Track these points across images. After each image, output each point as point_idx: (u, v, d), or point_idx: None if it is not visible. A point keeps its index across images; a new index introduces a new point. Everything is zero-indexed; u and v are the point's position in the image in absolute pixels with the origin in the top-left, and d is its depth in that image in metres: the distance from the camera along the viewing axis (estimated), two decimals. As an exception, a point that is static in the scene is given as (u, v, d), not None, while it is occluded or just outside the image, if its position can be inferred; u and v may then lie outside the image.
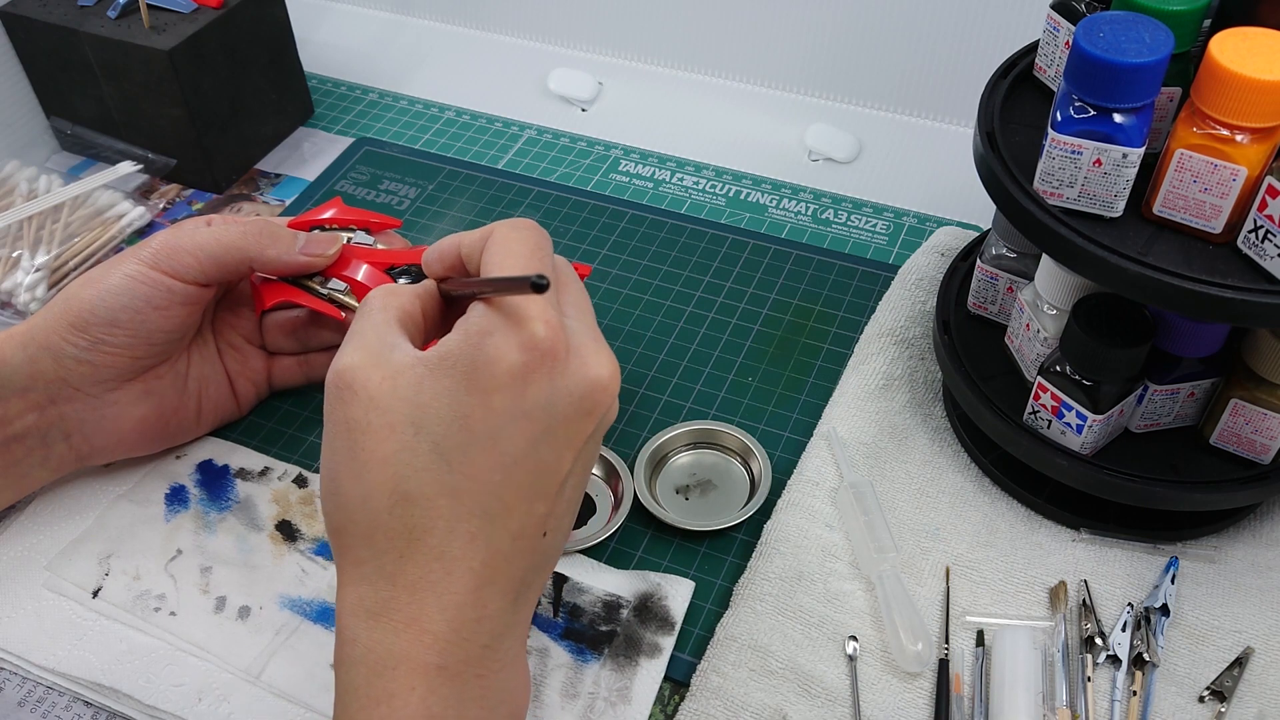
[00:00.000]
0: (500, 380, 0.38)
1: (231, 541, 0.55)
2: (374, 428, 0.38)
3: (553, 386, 0.39)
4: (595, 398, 0.39)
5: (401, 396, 0.38)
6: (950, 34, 0.77)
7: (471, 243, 0.43)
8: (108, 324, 0.52)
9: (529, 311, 0.38)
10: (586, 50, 0.91)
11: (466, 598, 0.38)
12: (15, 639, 0.51)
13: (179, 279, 0.52)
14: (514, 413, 0.38)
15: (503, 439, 0.38)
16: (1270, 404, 0.50)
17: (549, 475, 0.40)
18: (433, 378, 0.38)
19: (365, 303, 0.42)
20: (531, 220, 0.43)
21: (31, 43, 0.75)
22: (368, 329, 0.41)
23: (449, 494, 0.38)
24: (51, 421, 0.53)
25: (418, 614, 0.38)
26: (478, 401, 0.38)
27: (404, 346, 0.40)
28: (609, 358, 0.40)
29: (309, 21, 0.95)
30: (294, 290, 0.57)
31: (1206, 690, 0.48)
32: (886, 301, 0.65)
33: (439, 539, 0.38)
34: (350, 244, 0.58)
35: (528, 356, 0.38)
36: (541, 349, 0.38)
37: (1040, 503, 0.55)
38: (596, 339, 0.41)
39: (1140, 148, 0.44)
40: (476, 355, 0.38)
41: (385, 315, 0.41)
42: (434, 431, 0.38)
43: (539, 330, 0.38)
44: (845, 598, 0.52)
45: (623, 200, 0.77)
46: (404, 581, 0.38)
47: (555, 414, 0.39)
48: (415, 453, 0.38)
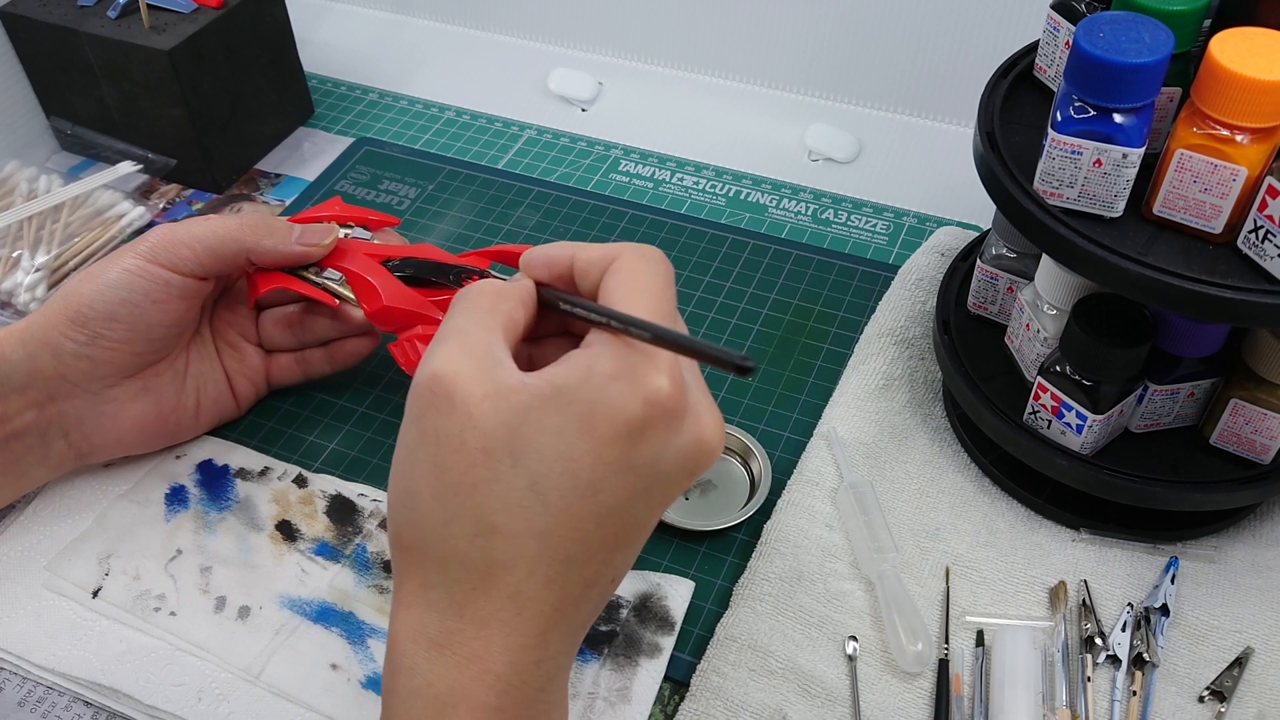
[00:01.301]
0: (617, 431, 0.35)
1: (231, 541, 0.55)
2: (468, 449, 0.35)
3: (665, 445, 0.36)
4: (701, 459, 0.37)
5: (502, 421, 0.35)
6: (950, 34, 0.77)
7: (590, 260, 0.40)
8: (106, 318, 0.52)
9: (656, 364, 0.36)
10: (586, 50, 0.91)
11: (532, 640, 0.37)
12: (15, 639, 0.51)
13: (176, 271, 0.53)
14: (622, 466, 0.36)
15: (604, 490, 0.36)
16: (1270, 404, 0.50)
17: (636, 528, 0.38)
18: (542, 410, 0.35)
19: (470, 295, 0.39)
20: (659, 251, 0.39)
21: (31, 43, 0.75)
22: (473, 330, 0.37)
23: (538, 535, 0.36)
24: (50, 419, 0.53)
25: (482, 651, 0.36)
26: (589, 449, 0.35)
27: (509, 364, 0.37)
28: (719, 418, 0.38)
29: (309, 21, 0.95)
30: (288, 278, 0.57)
31: (1206, 690, 0.48)
32: (886, 301, 0.65)
33: (517, 578, 0.36)
34: (348, 239, 0.58)
35: (649, 412, 0.35)
36: (664, 406, 0.36)
37: (1040, 503, 0.55)
38: (708, 395, 0.38)
39: (1140, 148, 0.44)
40: (597, 399, 0.35)
41: (493, 320, 0.38)
42: (534, 469, 0.35)
43: (665, 385, 0.36)
44: (845, 598, 0.52)
45: (623, 200, 0.77)
46: (473, 615, 0.36)
47: (660, 472, 0.37)
48: (510, 486, 0.35)
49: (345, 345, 0.61)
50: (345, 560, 0.54)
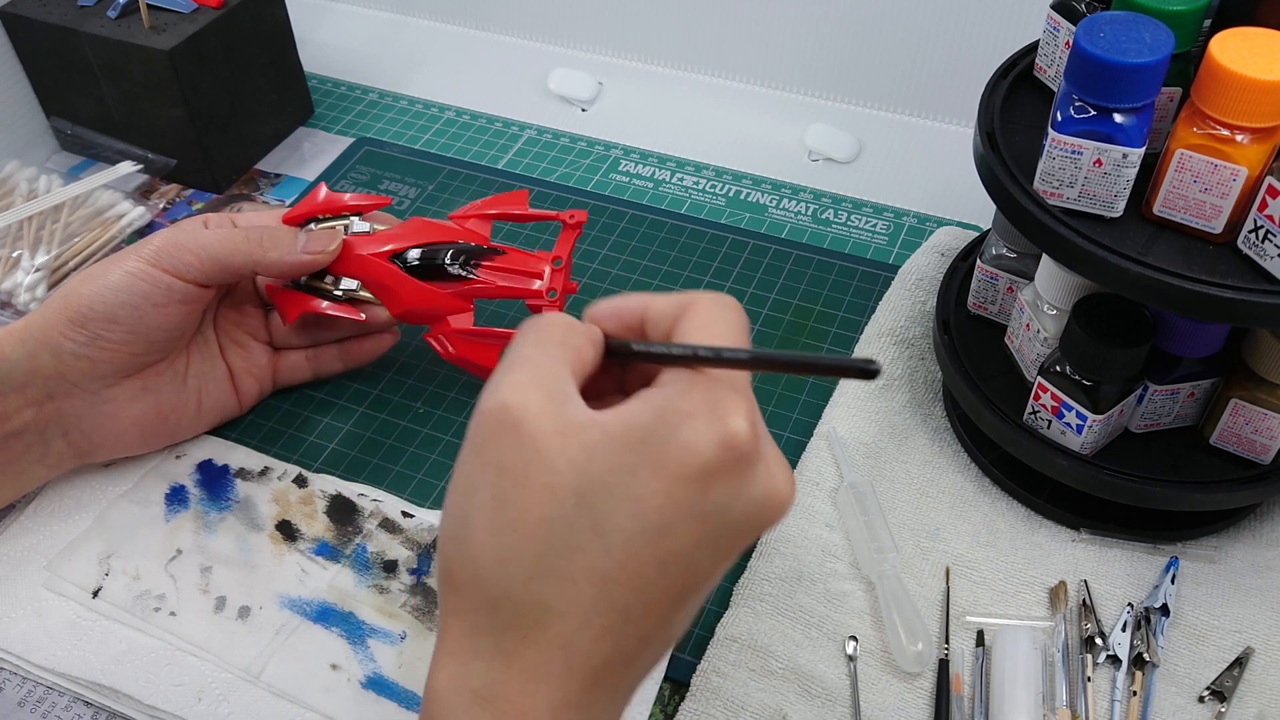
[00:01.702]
0: (689, 472, 0.34)
1: (231, 541, 0.55)
2: (532, 484, 0.34)
3: (736, 492, 0.34)
4: (770, 514, 0.35)
5: (570, 459, 0.34)
6: (950, 34, 0.77)
7: (662, 310, 0.38)
8: (106, 320, 0.52)
9: (734, 405, 0.34)
10: (586, 50, 0.91)
11: (578, 697, 0.35)
12: (15, 639, 0.51)
13: (179, 277, 0.53)
14: (690, 511, 0.34)
15: (670, 535, 0.34)
16: (1270, 404, 0.50)
17: (699, 581, 0.36)
18: (611, 448, 0.34)
19: (541, 327, 0.37)
20: (734, 299, 0.38)
21: (31, 43, 0.75)
22: (543, 363, 0.36)
23: (598, 581, 0.34)
24: (49, 418, 0.53)
25: (528, 708, 0.34)
26: (659, 489, 0.34)
27: (578, 400, 0.35)
28: (791, 474, 0.36)
29: (309, 21, 0.95)
30: (312, 298, 0.58)
31: (1206, 690, 0.48)
32: (886, 301, 0.65)
33: (570, 627, 0.34)
34: (349, 234, 0.58)
35: (724, 455, 0.34)
36: (739, 450, 0.34)
37: (1040, 503, 0.55)
38: (778, 450, 0.37)
39: (1140, 148, 0.44)
40: (671, 438, 0.34)
41: (562, 353, 0.36)
42: (599, 509, 0.34)
43: (744, 428, 0.34)
44: (845, 598, 0.52)
45: (623, 200, 0.77)
46: (520, 666, 0.34)
47: (729, 521, 0.35)
48: (573, 527, 0.34)
49: (364, 343, 0.61)
50: (345, 560, 0.54)
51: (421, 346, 0.65)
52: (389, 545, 0.55)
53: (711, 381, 0.35)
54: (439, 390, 0.63)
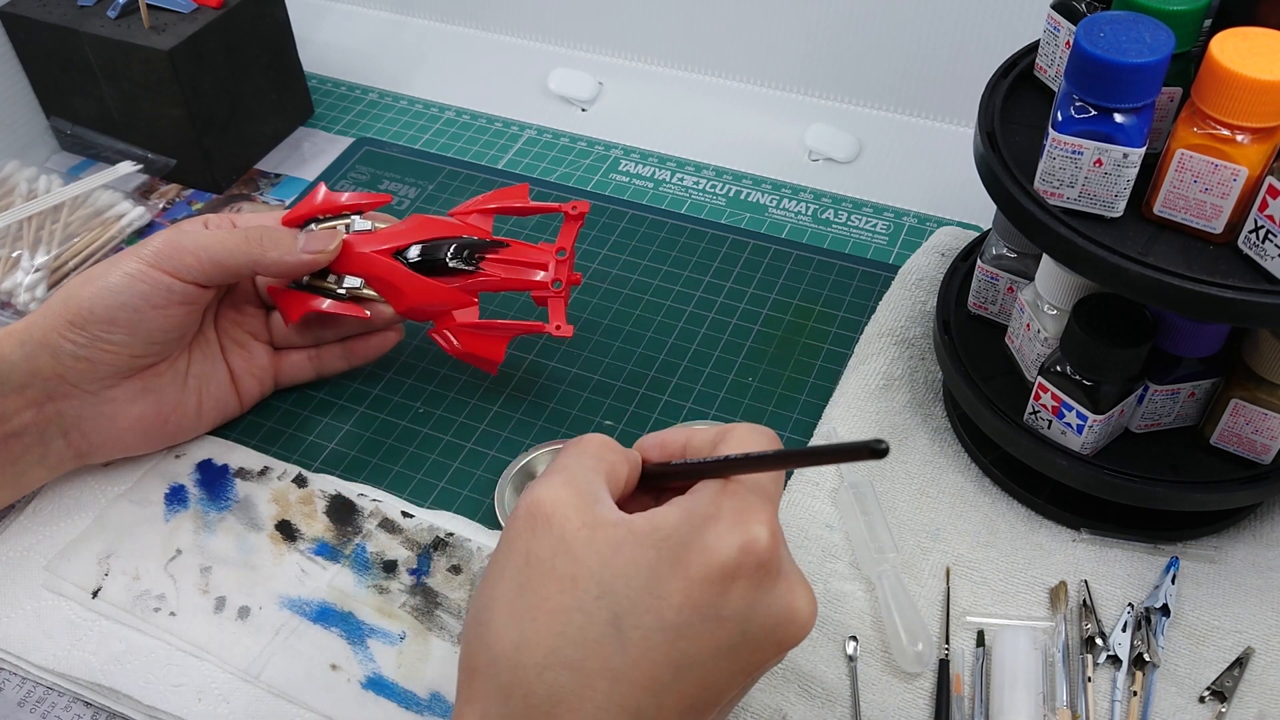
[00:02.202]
0: (710, 572, 0.35)
1: (231, 541, 0.55)
2: (557, 574, 0.35)
3: (755, 600, 0.35)
4: (791, 630, 0.36)
5: (595, 551, 0.35)
6: (950, 34, 0.77)
7: (703, 442, 0.40)
8: (106, 322, 0.52)
9: (759, 515, 0.36)
10: (586, 50, 0.91)
11: None
12: (15, 639, 0.51)
13: (179, 278, 0.53)
14: (708, 612, 0.35)
15: (687, 636, 0.35)
16: (1270, 404, 0.50)
17: (714, 692, 0.36)
18: (635, 544, 0.35)
19: (580, 443, 0.40)
20: (769, 429, 0.40)
21: (31, 43, 0.75)
22: (579, 469, 0.38)
23: (611, 677, 0.34)
24: (49, 418, 0.53)
25: None
26: (679, 587, 0.35)
27: (609, 502, 0.37)
28: (812, 596, 0.37)
29: (309, 21, 0.95)
30: (314, 297, 0.57)
31: (1207, 690, 0.48)
32: (886, 301, 0.65)
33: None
34: (350, 232, 0.58)
35: (743, 559, 0.35)
36: (758, 556, 0.35)
37: (1040, 503, 0.55)
38: (803, 575, 0.38)
39: (1141, 148, 0.44)
40: (694, 537, 0.35)
41: (598, 464, 0.38)
42: (619, 602, 0.35)
43: (763, 535, 0.35)
44: (845, 598, 0.52)
45: (623, 200, 0.77)
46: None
47: (747, 630, 0.35)
48: (590, 617, 0.34)
49: (368, 341, 0.61)
50: (345, 560, 0.54)
51: (422, 346, 0.65)
52: (389, 545, 0.55)
53: (739, 489, 0.36)
54: (439, 390, 0.63)
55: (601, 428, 0.61)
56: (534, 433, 0.61)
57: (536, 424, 0.61)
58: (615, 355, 0.65)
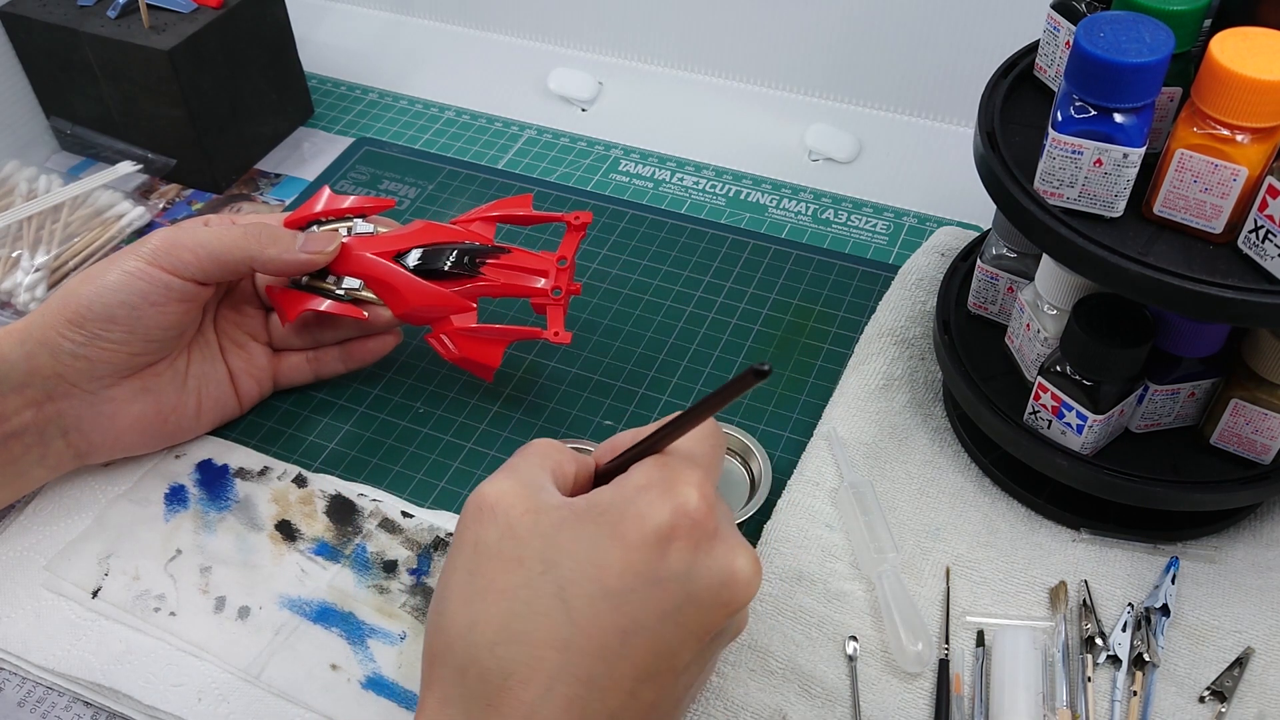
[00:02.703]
0: (645, 537, 0.36)
1: (231, 541, 0.55)
2: (503, 556, 0.37)
3: (694, 560, 0.37)
4: (734, 590, 0.38)
5: (539, 532, 0.37)
6: (950, 34, 0.77)
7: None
8: (104, 320, 0.52)
9: (688, 478, 0.38)
10: (586, 50, 0.91)
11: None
12: (15, 639, 0.51)
13: (178, 275, 0.53)
14: (649, 576, 0.36)
15: (631, 602, 0.36)
16: (1270, 404, 0.50)
17: (666, 658, 0.37)
18: (576, 521, 0.37)
19: (528, 446, 0.42)
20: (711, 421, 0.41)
21: (31, 43, 0.75)
22: (522, 466, 0.40)
23: (560, 647, 0.36)
24: (49, 418, 0.53)
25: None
26: (617, 554, 0.36)
27: (552, 490, 0.39)
28: (755, 558, 0.39)
29: (309, 21, 0.95)
30: (313, 297, 0.57)
31: (1207, 690, 0.48)
32: (886, 301, 0.65)
33: (533, 695, 0.35)
34: (351, 235, 0.58)
35: (677, 520, 0.37)
36: (691, 518, 0.37)
37: (1040, 503, 0.55)
38: (741, 537, 0.39)
39: (1141, 148, 0.44)
40: (627, 507, 0.37)
41: (542, 461, 0.41)
42: (563, 575, 0.36)
43: (693, 497, 0.37)
44: (845, 598, 0.52)
45: (623, 200, 0.77)
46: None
47: (690, 592, 0.37)
48: (537, 592, 0.36)
49: (366, 344, 0.61)
50: (345, 560, 0.54)
51: (421, 346, 0.65)
52: (389, 545, 0.55)
53: (669, 460, 0.38)
54: (439, 390, 0.63)
55: (601, 428, 0.61)
56: (534, 433, 0.61)
57: (536, 424, 0.61)
58: (615, 355, 0.65)
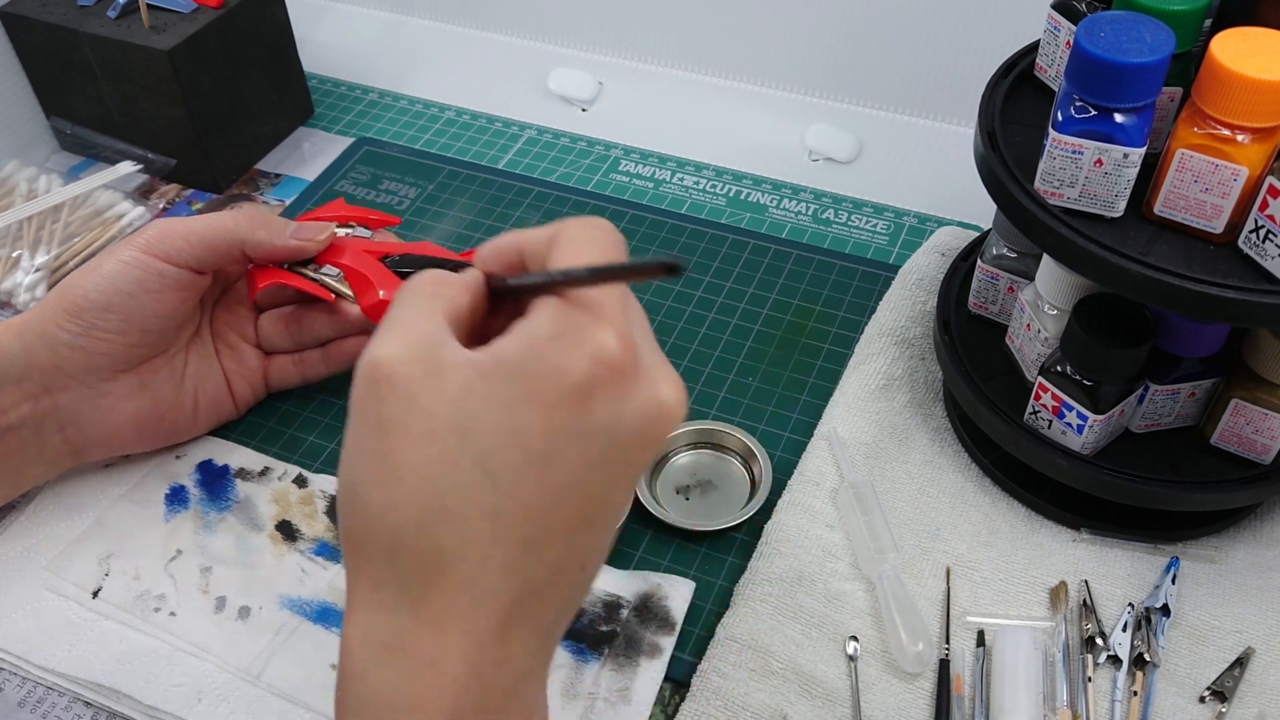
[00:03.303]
0: (564, 394, 0.33)
1: (231, 541, 0.55)
2: (412, 430, 0.34)
3: (618, 407, 0.34)
4: (661, 424, 0.35)
5: (446, 399, 0.34)
6: (950, 34, 0.77)
7: (537, 239, 0.38)
8: (101, 309, 0.52)
9: (602, 320, 0.34)
10: (586, 50, 0.91)
11: (492, 637, 0.34)
12: (15, 639, 0.51)
13: (171, 263, 0.53)
14: (573, 432, 0.34)
15: (557, 460, 0.34)
16: (1271, 404, 0.50)
17: (599, 504, 0.35)
18: (486, 383, 0.34)
19: (409, 286, 0.38)
20: (605, 220, 0.38)
21: (31, 43, 0.75)
22: (411, 316, 0.36)
23: (490, 516, 0.34)
24: (46, 412, 0.53)
25: (438, 654, 0.34)
26: (536, 416, 0.33)
27: (451, 343, 0.35)
28: (676, 381, 0.36)
29: (309, 21, 0.95)
30: (285, 274, 0.57)
31: (1207, 690, 0.48)
32: (887, 301, 0.65)
33: (472, 566, 0.34)
34: (347, 237, 0.58)
35: (596, 370, 0.33)
36: (611, 364, 0.34)
37: (1041, 503, 0.55)
38: (663, 359, 0.36)
39: (1141, 148, 0.44)
40: (540, 364, 0.34)
41: (432, 304, 0.36)
42: (481, 444, 0.34)
43: (610, 342, 0.34)
44: (846, 598, 0.52)
45: (623, 200, 0.77)
46: (427, 613, 0.34)
47: (616, 437, 0.34)
48: (457, 465, 0.34)
49: (343, 345, 0.61)
50: (345, 560, 0.54)
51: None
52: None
53: (575, 303, 0.34)
54: (439, 390, 0.63)
55: (602, 428, 0.61)
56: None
57: (537, 424, 0.61)
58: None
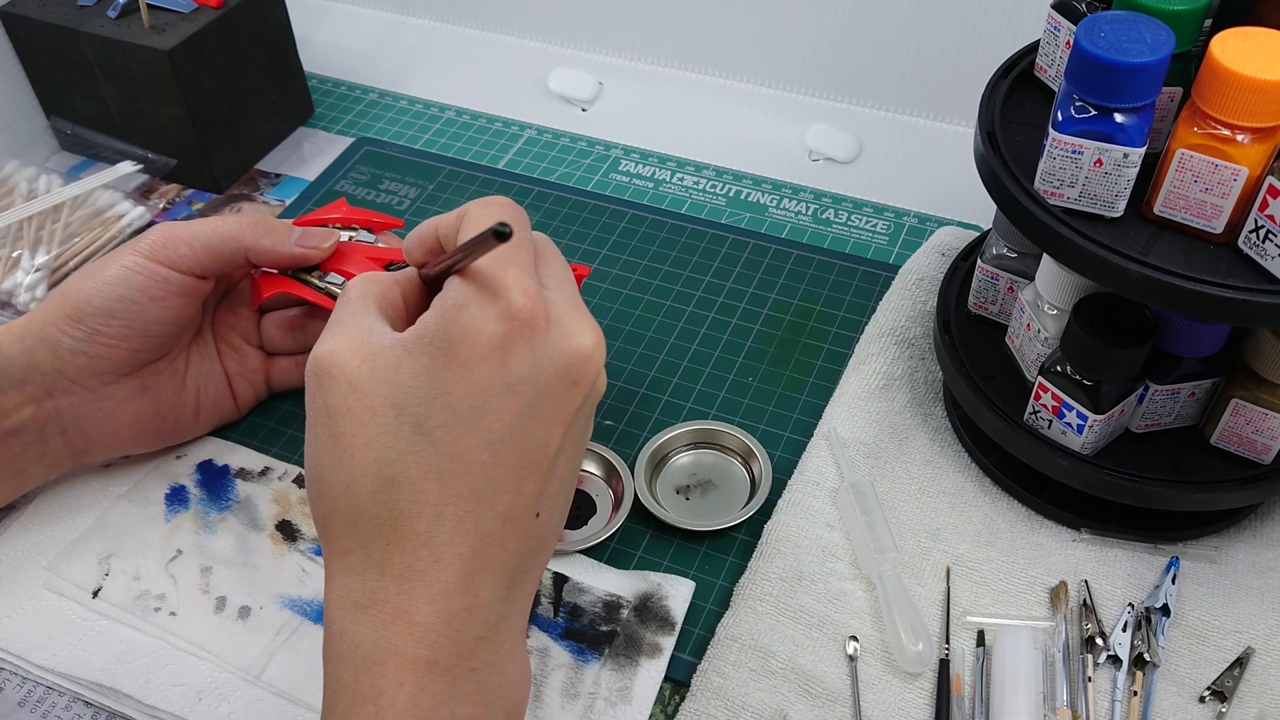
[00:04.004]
0: (480, 353, 0.37)
1: (231, 541, 0.55)
2: (354, 412, 0.37)
3: (535, 357, 0.38)
4: (580, 368, 0.38)
5: (380, 378, 0.37)
6: (950, 34, 0.77)
7: (448, 224, 0.42)
8: (104, 315, 0.52)
9: (505, 281, 0.38)
10: (586, 50, 0.91)
11: (456, 586, 0.37)
12: (15, 639, 0.51)
13: (175, 269, 0.53)
14: (496, 386, 0.37)
15: (487, 415, 0.37)
16: (1271, 404, 0.50)
17: (538, 451, 0.38)
18: (410, 357, 0.38)
19: (344, 290, 0.42)
20: (506, 198, 0.42)
21: (31, 43, 0.75)
22: (345, 316, 0.40)
23: (435, 476, 0.37)
24: (48, 415, 0.53)
25: (406, 605, 0.37)
26: (458, 377, 0.37)
27: (382, 329, 0.39)
28: (592, 327, 0.39)
29: (309, 21, 0.95)
30: (290, 282, 0.57)
31: (1207, 690, 0.48)
32: (887, 301, 0.65)
33: (426, 524, 0.37)
34: (350, 241, 0.58)
35: (507, 326, 0.37)
36: (520, 318, 0.37)
37: (1041, 503, 0.55)
38: (579, 308, 0.40)
39: (1141, 147, 0.44)
40: (453, 329, 0.37)
41: (364, 302, 0.40)
42: (415, 411, 0.37)
43: (516, 299, 0.37)
44: (846, 598, 0.52)
45: (623, 200, 0.77)
46: (392, 571, 0.37)
47: (540, 386, 0.38)
48: (397, 435, 0.37)
49: None
50: (345, 560, 0.54)
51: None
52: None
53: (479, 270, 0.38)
54: (439, 390, 0.63)
55: (602, 428, 0.61)
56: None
57: (537, 424, 0.61)
58: (615, 355, 0.65)
